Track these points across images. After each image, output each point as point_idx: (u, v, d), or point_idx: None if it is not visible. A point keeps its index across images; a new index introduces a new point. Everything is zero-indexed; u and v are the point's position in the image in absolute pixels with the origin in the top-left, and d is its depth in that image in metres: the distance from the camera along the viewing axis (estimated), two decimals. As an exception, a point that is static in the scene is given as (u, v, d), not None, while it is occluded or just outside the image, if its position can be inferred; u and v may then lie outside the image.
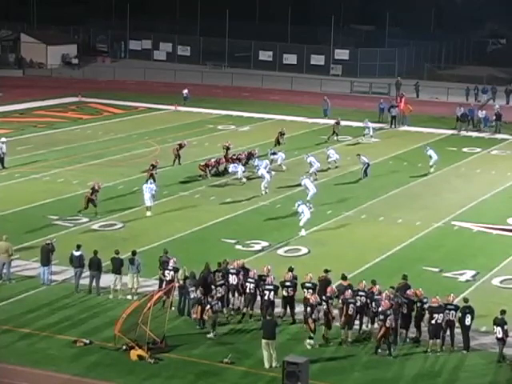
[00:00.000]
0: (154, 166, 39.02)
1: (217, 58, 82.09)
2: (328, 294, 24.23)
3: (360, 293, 24.44)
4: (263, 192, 38.38)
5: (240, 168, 41.04)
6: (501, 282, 28.95)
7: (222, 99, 63.87)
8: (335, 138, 50.34)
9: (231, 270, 25.81)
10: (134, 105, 61.38)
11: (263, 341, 22.49)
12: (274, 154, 43.65)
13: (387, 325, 22.95)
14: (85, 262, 27.14)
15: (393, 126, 55.74)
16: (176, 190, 39.18)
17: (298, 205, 33.78)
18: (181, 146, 43.86)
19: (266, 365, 22.38)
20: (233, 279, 25.67)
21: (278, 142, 46.96)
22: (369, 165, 42.08)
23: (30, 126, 53.21)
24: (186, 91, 62.32)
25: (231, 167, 41.47)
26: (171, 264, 26.09)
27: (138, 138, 50.20)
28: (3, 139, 43.00)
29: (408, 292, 24.31)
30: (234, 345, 23.71)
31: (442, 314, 23.46)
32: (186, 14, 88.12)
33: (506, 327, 23.05)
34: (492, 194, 39.94)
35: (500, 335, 23.06)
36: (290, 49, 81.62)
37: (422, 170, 44.28)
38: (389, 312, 23.08)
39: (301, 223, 33.14)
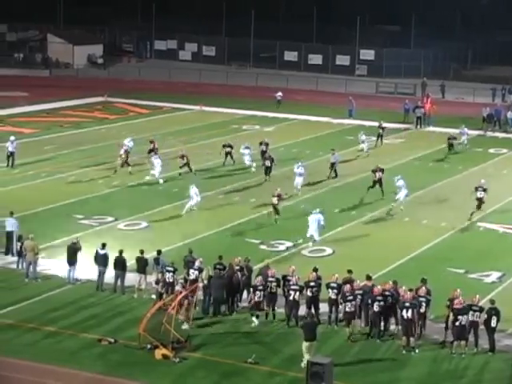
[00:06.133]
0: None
1: (242, 59, 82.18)
2: (346, 294, 24.30)
3: (386, 293, 24.41)
4: (299, 192, 38.20)
5: (248, 154, 42.20)
6: (527, 283, 28.79)
7: (247, 99, 63.92)
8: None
9: (236, 267, 26.08)
10: (159, 105, 61.58)
11: (305, 343, 22.34)
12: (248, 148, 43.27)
13: (256, 299, 24.95)
14: (109, 260, 27.27)
15: (418, 126, 55.54)
16: (199, 190, 39.18)
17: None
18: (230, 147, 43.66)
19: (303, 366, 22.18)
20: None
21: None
22: (334, 164, 41.64)
23: (56, 125, 53.53)
24: (279, 94, 61.68)
25: (242, 148, 42.60)
26: (197, 264, 26.13)
27: (163, 137, 50.33)
28: (12, 138, 43.06)
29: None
30: (257, 345, 23.72)
31: (466, 316, 23.36)
32: (210, 15, 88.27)
33: None
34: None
35: None
36: (315, 49, 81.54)
37: (447, 170, 44.07)
38: (260, 287, 24.90)
39: None
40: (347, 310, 24.29)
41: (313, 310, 24.90)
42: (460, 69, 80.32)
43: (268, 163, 40.82)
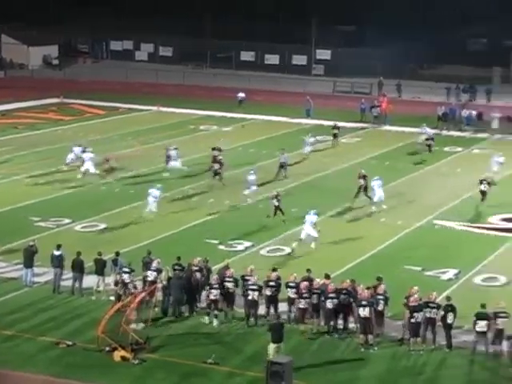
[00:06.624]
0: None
1: (199, 59, 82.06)
2: (303, 291, 24.42)
3: (343, 291, 24.54)
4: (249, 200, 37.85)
5: (175, 156, 42.08)
6: (482, 280, 29.09)
7: (204, 100, 63.81)
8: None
9: (194, 268, 26.00)
10: (115, 105, 61.24)
11: (272, 345, 22.26)
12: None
13: (212, 297, 24.85)
14: (65, 262, 27.08)
15: (374, 125, 55.93)
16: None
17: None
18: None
19: None
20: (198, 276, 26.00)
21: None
22: (284, 165, 41.70)
23: (11, 127, 53.00)
24: (241, 94, 61.11)
25: (171, 148, 42.31)
26: (155, 265, 26.08)
27: (120, 138, 50.08)
28: None
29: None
30: (217, 345, 23.71)
31: (421, 313, 23.58)
32: (167, 15, 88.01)
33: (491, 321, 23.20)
34: (473, 193, 39.97)
35: (485, 329, 23.17)
36: (272, 49, 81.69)
37: (403, 169, 44.43)
38: (215, 286, 24.75)
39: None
40: (300, 306, 24.48)
41: (272, 310, 24.96)
42: (416, 68, 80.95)
43: (217, 166, 40.47)
